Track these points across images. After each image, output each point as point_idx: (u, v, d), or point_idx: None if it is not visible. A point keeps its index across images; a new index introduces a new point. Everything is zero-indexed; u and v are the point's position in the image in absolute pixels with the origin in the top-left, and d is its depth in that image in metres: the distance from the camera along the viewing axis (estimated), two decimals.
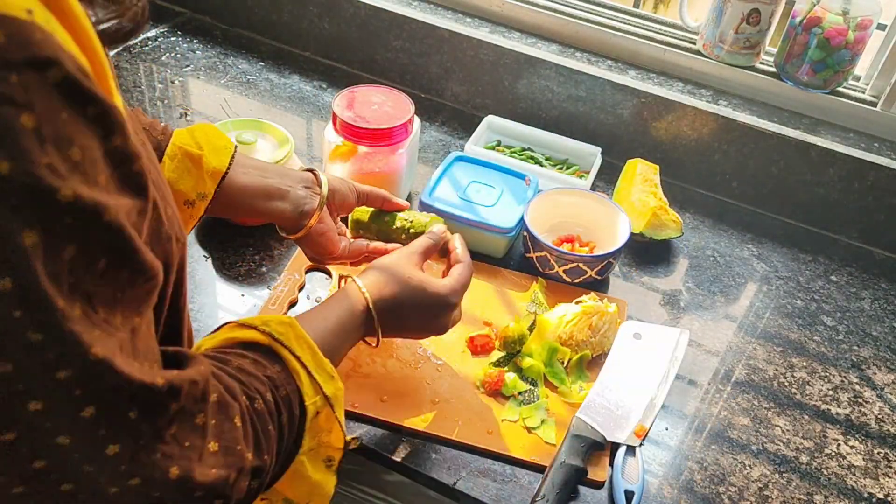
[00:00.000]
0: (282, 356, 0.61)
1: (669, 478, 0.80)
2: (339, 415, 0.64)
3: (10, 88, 0.33)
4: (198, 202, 0.78)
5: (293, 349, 0.62)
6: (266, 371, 0.59)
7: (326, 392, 0.62)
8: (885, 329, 1.02)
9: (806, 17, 1.13)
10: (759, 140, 1.14)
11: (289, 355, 0.61)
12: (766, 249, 1.13)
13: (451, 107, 1.33)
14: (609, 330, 0.89)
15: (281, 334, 0.62)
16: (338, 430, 0.65)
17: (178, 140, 0.78)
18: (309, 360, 0.62)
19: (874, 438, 0.87)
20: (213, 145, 0.79)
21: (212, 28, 1.44)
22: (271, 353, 0.61)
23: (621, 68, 1.24)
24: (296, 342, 0.62)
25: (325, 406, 0.62)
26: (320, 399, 0.62)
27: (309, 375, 0.62)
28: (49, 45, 0.35)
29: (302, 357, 0.62)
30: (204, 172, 0.78)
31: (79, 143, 0.37)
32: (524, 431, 0.82)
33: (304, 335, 0.64)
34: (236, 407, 0.53)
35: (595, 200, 1.05)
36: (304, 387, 0.61)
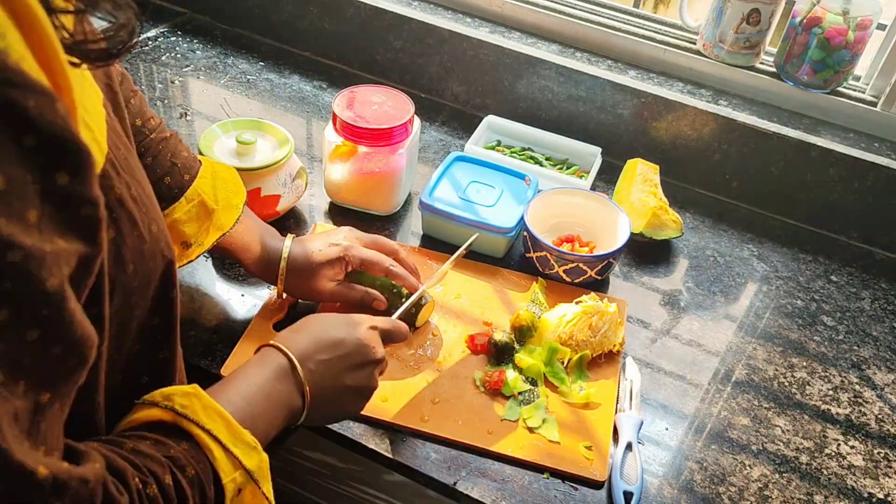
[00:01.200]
0: (189, 431, 0.54)
1: (669, 478, 0.80)
2: (265, 490, 0.57)
3: None
4: (194, 247, 0.82)
5: (201, 422, 0.54)
6: (169, 451, 0.52)
7: (248, 466, 0.55)
8: (885, 329, 1.02)
9: (806, 17, 1.13)
10: (759, 140, 1.14)
11: (197, 430, 0.54)
12: (766, 249, 1.13)
13: (451, 107, 1.33)
14: (609, 330, 0.89)
15: (185, 407, 0.54)
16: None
17: (200, 186, 0.82)
18: (222, 432, 0.55)
19: (874, 438, 0.87)
20: (227, 202, 0.83)
21: (212, 28, 1.44)
22: (177, 430, 0.54)
23: (621, 68, 1.24)
24: (203, 414, 0.55)
25: (247, 482, 0.55)
26: (241, 475, 0.55)
27: (224, 449, 0.54)
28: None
29: (213, 430, 0.54)
30: (211, 225, 0.82)
31: (4, 171, 0.34)
32: (525, 431, 0.81)
33: (214, 405, 0.56)
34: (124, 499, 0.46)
35: (595, 200, 1.05)
36: (217, 463, 0.54)
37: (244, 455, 0.55)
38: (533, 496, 0.76)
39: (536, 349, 0.89)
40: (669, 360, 0.93)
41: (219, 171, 0.85)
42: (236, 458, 0.55)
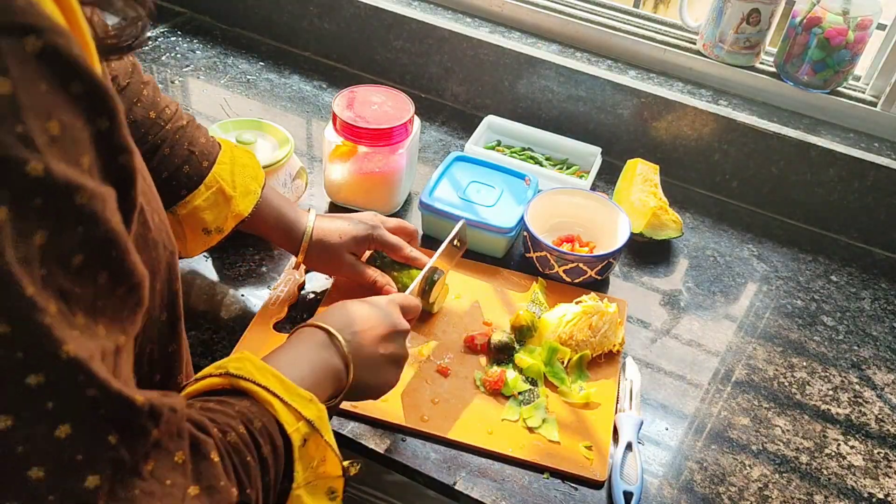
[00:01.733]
0: (247, 390, 0.56)
1: (669, 478, 0.80)
2: (328, 439, 0.59)
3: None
4: (214, 234, 0.84)
5: (256, 380, 0.56)
6: (234, 407, 0.54)
7: (308, 416, 0.57)
8: (885, 329, 1.02)
9: (806, 17, 1.13)
10: (759, 140, 1.14)
11: (254, 387, 0.56)
12: (766, 249, 1.13)
13: (451, 107, 1.33)
14: (609, 330, 0.89)
15: (239, 369, 0.57)
16: (332, 456, 0.59)
17: (219, 172, 0.83)
18: (278, 388, 0.57)
19: (874, 438, 0.87)
20: (245, 188, 0.85)
21: (212, 28, 1.44)
22: (235, 392, 0.56)
23: (621, 68, 1.24)
24: (258, 373, 0.57)
25: (311, 432, 0.57)
26: (304, 425, 0.56)
27: (283, 403, 0.56)
28: (32, 13, 0.33)
29: (269, 386, 0.57)
30: (230, 212, 0.84)
31: (58, 117, 0.34)
32: (525, 431, 0.81)
33: (265, 365, 0.58)
34: (210, 442, 0.49)
35: (595, 200, 1.05)
36: (280, 415, 0.55)
37: (303, 407, 0.57)
38: (533, 496, 0.76)
39: (536, 349, 0.89)
40: (669, 360, 0.93)
41: (238, 157, 0.86)
42: (296, 409, 0.56)
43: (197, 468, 0.46)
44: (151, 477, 0.42)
